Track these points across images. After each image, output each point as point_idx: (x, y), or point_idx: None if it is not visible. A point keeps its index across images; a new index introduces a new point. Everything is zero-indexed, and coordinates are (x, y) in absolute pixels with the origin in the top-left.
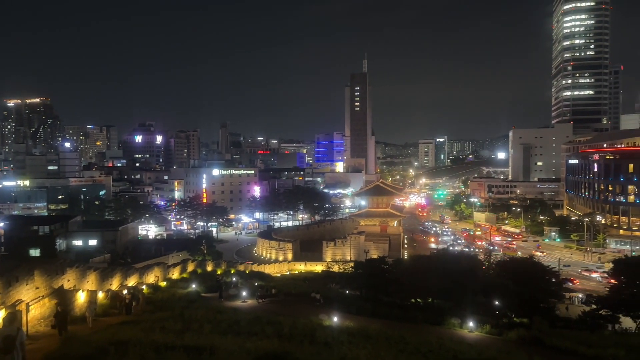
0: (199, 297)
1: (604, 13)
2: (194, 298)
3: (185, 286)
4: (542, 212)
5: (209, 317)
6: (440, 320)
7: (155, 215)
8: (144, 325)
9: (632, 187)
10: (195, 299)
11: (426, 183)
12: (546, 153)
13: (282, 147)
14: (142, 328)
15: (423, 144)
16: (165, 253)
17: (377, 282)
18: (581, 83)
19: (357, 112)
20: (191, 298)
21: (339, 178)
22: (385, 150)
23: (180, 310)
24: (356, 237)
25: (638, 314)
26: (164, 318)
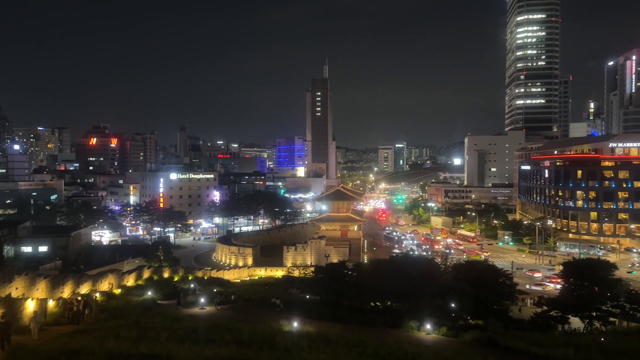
0: (156, 305)
1: (554, 25)
2: (150, 305)
3: (141, 293)
4: (496, 217)
5: (165, 325)
6: (399, 323)
7: (109, 221)
8: (98, 334)
9: (580, 192)
10: (152, 306)
11: (386, 188)
12: (500, 159)
13: (243, 151)
14: (96, 337)
15: (383, 149)
16: (120, 259)
17: (337, 287)
18: (533, 92)
19: (318, 117)
20: (147, 305)
21: (300, 183)
22: (346, 155)
23: (136, 318)
24: (317, 241)
25: (586, 314)
26: (119, 326)
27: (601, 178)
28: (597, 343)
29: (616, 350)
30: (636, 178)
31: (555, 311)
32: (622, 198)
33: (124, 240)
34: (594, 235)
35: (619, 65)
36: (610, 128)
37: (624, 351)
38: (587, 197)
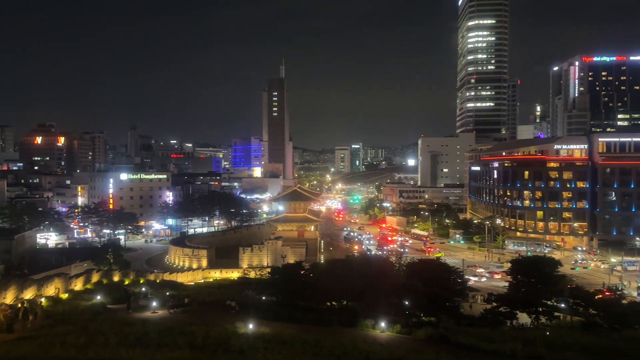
0: (105, 309)
1: (503, 31)
2: (99, 310)
3: (90, 298)
4: (448, 216)
5: (115, 330)
6: (354, 322)
7: (55, 223)
8: (43, 341)
9: (528, 192)
10: (101, 311)
11: (342, 188)
12: (451, 160)
13: (197, 151)
14: (40, 344)
15: (339, 150)
16: (67, 263)
17: (293, 287)
18: (483, 95)
19: (275, 118)
20: (96, 310)
21: (257, 183)
22: (302, 155)
23: (84, 324)
24: (273, 242)
25: (533, 310)
26: (65, 332)
27: (547, 178)
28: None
29: (561, 344)
30: (579, 178)
31: (504, 307)
32: (566, 198)
33: (71, 243)
34: (540, 234)
35: (563, 70)
36: (556, 130)
37: (568, 345)
38: (533, 197)
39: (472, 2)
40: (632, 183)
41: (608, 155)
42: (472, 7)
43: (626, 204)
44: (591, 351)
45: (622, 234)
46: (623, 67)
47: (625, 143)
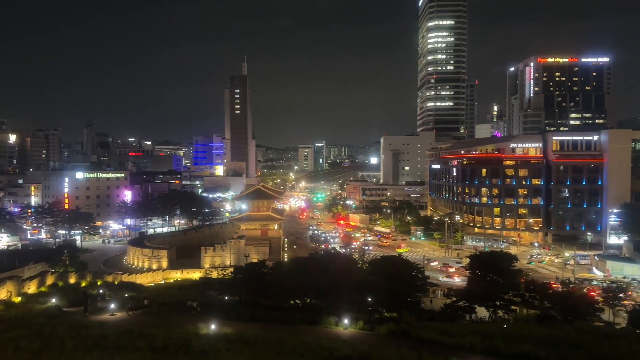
0: (61, 312)
1: (462, 32)
2: (55, 313)
3: (45, 301)
4: (409, 213)
5: (71, 334)
6: (318, 319)
7: (7, 224)
8: None
9: (485, 189)
10: (56, 314)
11: (306, 186)
12: (413, 158)
13: (157, 149)
14: None
15: (303, 148)
16: (20, 265)
17: (257, 286)
18: (442, 95)
19: (238, 115)
20: (51, 313)
21: (219, 182)
22: (266, 153)
23: (38, 328)
24: (236, 241)
25: (490, 304)
26: (19, 337)
27: (503, 176)
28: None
29: (517, 337)
30: (534, 176)
31: (463, 302)
32: (522, 194)
33: (24, 244)
34: (498, 230)
35: (519, 71)
36: (512, 129)
37: (524, 337)
38: (491, 194)
39: (432, 3)
40: (584, 180)
41: (561, 154)
42: (432, 8)
43: (578, 200)
44: (546, 343)
45: (574, 229)
46: (575, 69)
47: (578, 142)
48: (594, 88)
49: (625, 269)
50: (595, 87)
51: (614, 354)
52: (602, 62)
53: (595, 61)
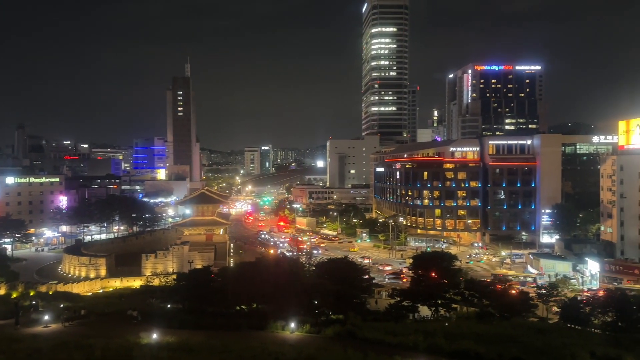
0: None
1: (404, 39)
2: None
3: None
4: (355, 216)
5: (1, 347)
6: (264, 324)
7: None
8: None
9: (427, 192)
10: None
11: (252, 190)
12: (358, 162)
13: (95, 152)
14: None
15: (249, 151)
16: None
17: (201, 293)
18: (386, 100)
19: (181, 117)
20: None
21: (161, 186)
22: (211, 157)
23: None
24: (179, 247)
25: (433, 302)
26: None
27: (443, 179)
28: (443, 328)
29: (458, 334)
30: (472, 178)
31: (406, 301)
32: (461, 196)
33: None
34: (439, 230)
35: (457, 78)
36: (451, 134)
37: (464, 334)
38: (432, 196)
39: (375, 10)
40: (518, 182)
41: (497, 157)
42: (375, 15)
43: (513, 201)
44: (485, 339)
45: (510, 229)
46: (510, 76)
47: (512, 145)
48: (527, 94)
49: (557, 266)
50: (528, 94)
51: (547, 347)
52: (534, 70)
53: (528, 69)
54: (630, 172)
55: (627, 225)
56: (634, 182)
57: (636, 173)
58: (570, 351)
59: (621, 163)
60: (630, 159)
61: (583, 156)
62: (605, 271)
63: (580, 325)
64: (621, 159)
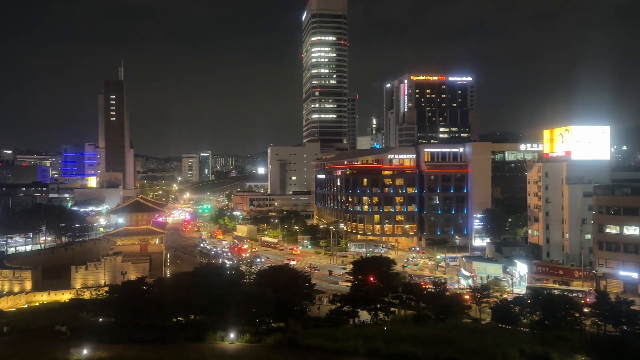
0: None
1: (343, 48)
2: None
3: None
4: (297, 222)
5: None
6: (203, 336)
7: None
8: None
9: (366, 198)
10: None
11: (190, 198)
12: (299, 168)
13: (19, 158)
14: None
15: (187, 158)
16: None
17: (135, 305)
18: (326, 108)
19: (113, 123)
20: None
21: (92, 194)
22: (146, 164)
23: None
24: (112, 258)
25: (372, 307)
26: None
27: (382, 185)
28: (381, 332)
29: (396, 337)
30: (409, 185)
31: (347, 306)
32: (398, 202)
33: None
34: (378, 236)
35: (394, 87)
36: (389, 142)
37: (402, 337)
38: (371, 202)
39: (315, 19)
40: (452, 188)
41: (432, 164)
42: (314, 24)
43: (447, 206)
44: (421, 341)
45: (445, 233)
46: (443, 86)
47: (446, 153)
48: (459, 104)
49: (489, 268)
50: (460, 104)
51: (480, 347)
52: (466, 81)
53: (460, 80)
54: (554, 178)
55: (552, 229)
56: (558, 187)
57: (560, 179)
58: (501, 350)
59: (546, 170)
60: (555, 165)
61: (511, 163)
62: (533, 272)
63: (511, 325)
64: (546, 165)
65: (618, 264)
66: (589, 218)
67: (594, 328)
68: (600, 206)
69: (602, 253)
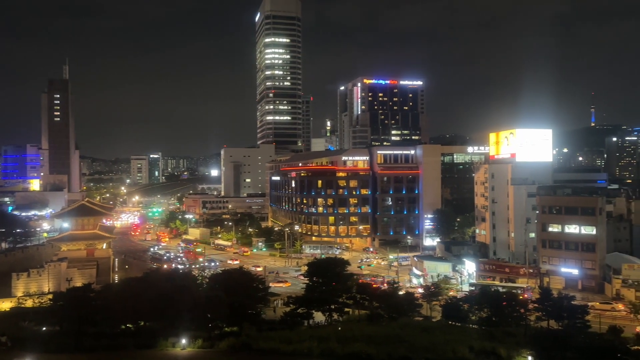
0: None
1: (297, 50)
2: None
3: None
4: (251, 225)
5: None
6: (153, 342)
7: None
8: None
9: (321, 199)
10: None
11: (140, 201)
12: (254, 170)
13: None
14: None
15: (136, 159)
16: None
17: (81, 313)
18: (281, 109)
19: (58, 123)
20: None
21: (35, 197)
22: (92, 166)
23: None
24: (56, 264)
25: (326, 308)
26: None
27: (337, 187)
28: (335, 333)
29: (350, 337)
30: (363, 186)
31: (301, 308)
32: (353, 203)
33: None
34: (333, 237)
35: (348, 90)
36: (343, 144)
37: (356, 337)
38: (326, 204)
39: (268, 20)
40: (404, 189)
41: (385, 166)
42: (268, 25)
43: (400, 207)
44: (375, 340)
45: (397, 234)
46: (395, 90)
47: (398, 155)
48: (410, 108)
49: (439, 267)
50: (411, 107)
51: (431, 345)
52: (416, 85)
53: (411, 84)
54: (500, 180)
55: (498, 228)
56: (503, 188)
57: (505, 180)
58: (451, 347)
59: (492, 171)
60: (500, 167)
61: (460, 165)
62: (481, 270)
63: (460, 322)
64: (492, 167)
65: (560, 261)
66: (533, 217)
67: (538, 323)
68: (543, 206)
69: (545, 251)
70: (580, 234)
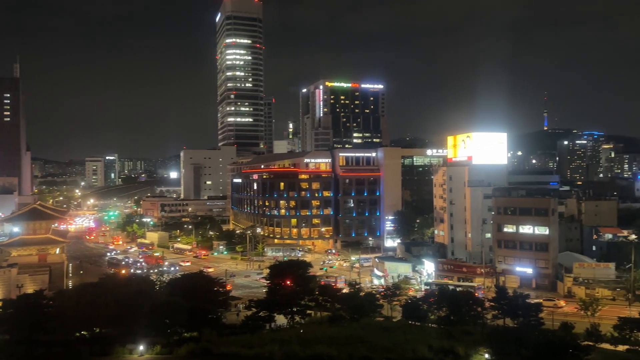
0: None
1: (259, 51)
2: None
3: None
4: (212, 228)
5: None
6: (109, 350)
7: None
8: None
9: (283, 202)
10: None
11: (95, 204)
12: (214, 173)
13: None
14: None
15: (91, 161)
16: None
17: (33, 320)
18: (242, 111)
19: (8, 124)
20: None
21: None
22: (45, 168)
23: None
24: (6, 270)
25: (289, 310)
26: None
27: (299, 189)
28: (297, 335)
29: (312, 339)
30: (325, 188)
31: (263, 312)
32: (315, 206)
33: None
34: (295, 239)
35: (310, 92)
36: (305, 146)
37: (318, 339)
38: (288, 206)
39: (229, 21)
40: (365, 191)
41: (346, 168)
42: (229, 26)
43: (361, 209)
44: (336, 341)
45: (359, 235)
46: (357, 93)
47: (360, 157)
48: (372, 111)
49: (399, 268)
50: (373, 110)
51: (392, 345)
52: (377, 89)
53: (372, 87)
54: (457, 182)
55: (456, 229)
56: (461, 190)
57: (462, 182)
58: (411, 346)
59: (450, 173)
60: (458, 169)
61: (419, 167)
62: (439, 270)
63: (420, 322)
64: (450, 169)
65: (515, 261)
66: (489, 218)
67: (495, 321)
68: (498, 207)
69: (501, 251)
70: (534, 234)
